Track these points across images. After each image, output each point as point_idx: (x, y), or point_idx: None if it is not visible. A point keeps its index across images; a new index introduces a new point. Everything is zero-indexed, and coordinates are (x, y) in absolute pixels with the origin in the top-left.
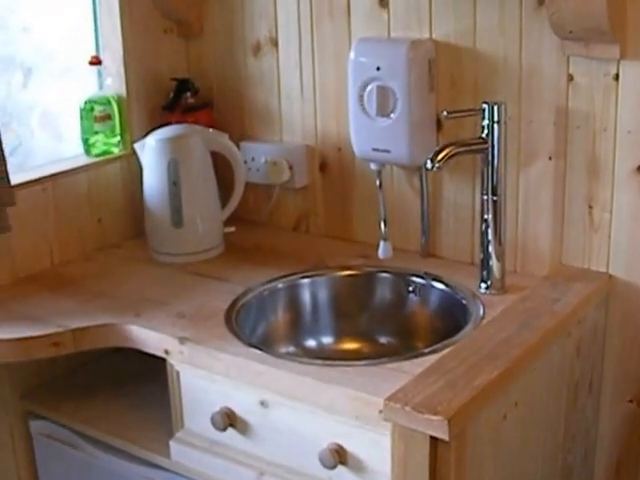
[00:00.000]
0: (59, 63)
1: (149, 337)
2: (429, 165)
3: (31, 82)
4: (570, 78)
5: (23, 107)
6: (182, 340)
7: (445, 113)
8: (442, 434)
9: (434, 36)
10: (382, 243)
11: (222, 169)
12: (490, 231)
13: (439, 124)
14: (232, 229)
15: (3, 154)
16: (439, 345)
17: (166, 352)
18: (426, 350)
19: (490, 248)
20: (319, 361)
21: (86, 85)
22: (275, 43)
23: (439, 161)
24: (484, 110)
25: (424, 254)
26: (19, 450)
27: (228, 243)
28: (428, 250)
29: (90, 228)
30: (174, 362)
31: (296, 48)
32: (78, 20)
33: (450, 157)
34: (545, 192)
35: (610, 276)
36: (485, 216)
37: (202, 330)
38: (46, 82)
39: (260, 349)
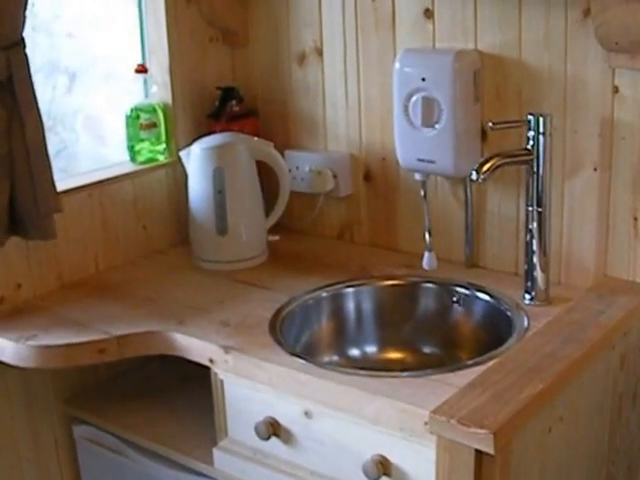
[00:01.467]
0: (103, 68)
1: (193, 345)
2: (474, 177)
3: (75, 86)
4: (615, 90)
5: (68, 111)
6: (226, 349)
7: (491, 124)
8: (488, 448)
9: (479, 47)
10: (427, 254)
11: (267, 177)
12: (535, 242)
13: (484, 135)
14: (276, 237)
15: (49, 160)
16: (483, 357)
17: (210, 361)
18: (470, 362)
19: (535, 259)
20: (363, 371)
21: (131, 90)
22: (320, 52)
23: (484, 172)
24: (530, 121)
25: (468, 264)
26: (62, 454)
27: (272, 251)
28: (472, 260)
29: (135, 235)
30: (218, 371)
31: (341, 58)
32: (123, 26)
33: (495, 169)
34: (590, 203)
35: None
36: (530, 227)
37: (246, 339)
38: (90, 87)
39: (304, 359)
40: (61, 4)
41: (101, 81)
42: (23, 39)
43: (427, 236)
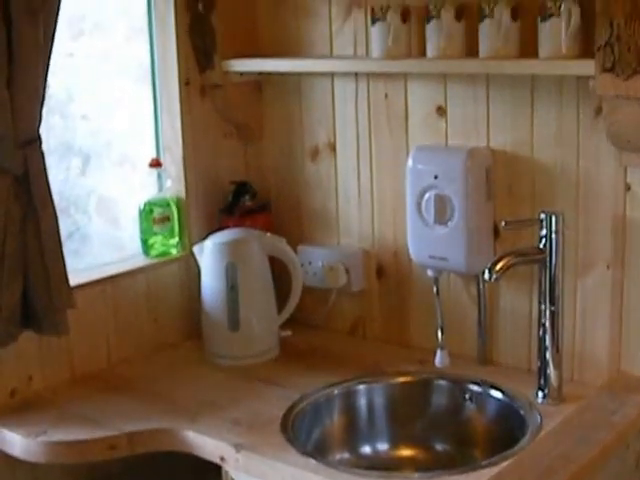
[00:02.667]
0: (118, 151)
1: (205, 443)
2: (487, 276)
3: (89, 168)
4: (628, 187)
5: (81, 193)
6: (238, 448)
7: (504, 224)
8: None
9: (491, 144)
10: (439, 352)
11: (279, 272)
12: (548, 339)
13: (496, 232)
14: (288, 333)
15: (63, 256)
16: (496, 458)
17: (221, 459)
18: (484, 462)
19: (548, 356)
20: (375, 472)
21: (143, 174)
22: (333, 148)
23: (497, 272)
24: (542, 220)
25: (481, 361)
26: None
27: (284, 346)
28: (485, 356)
29: (147, 328)
30: (229, 469)
31: (354, 153)
32: (137, 110)
33: (508, 268)
34: (603, 300)
35: None
36: (542, 325)
37: (258, 438)
38: (104, 169)
39: (315, 458)
40: (76, 86)
41: (115, 164)
42: (39, 136)
43: (439, 334)
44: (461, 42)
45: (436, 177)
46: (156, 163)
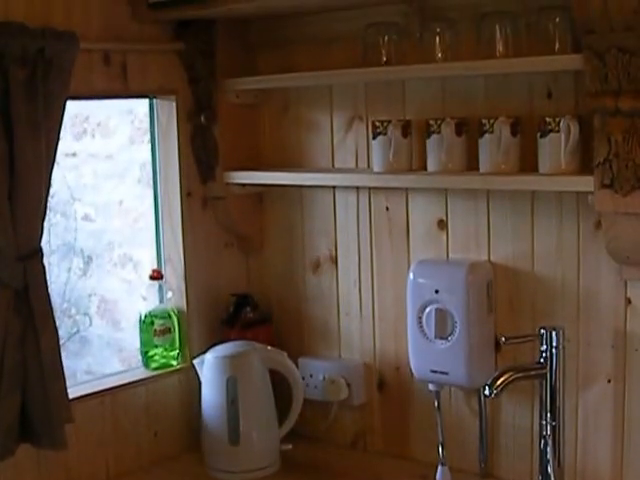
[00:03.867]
0: (119, 252)
1: None
2: (487, 392)
3: (90, 269)
4: (628, 301)
5: (82, 294)
6: None
7: (503, 339)
8: None
9: (492, 258)
10: (440, 468)
11: (280, 385)
12: (549, 454)
13: (498, 346)
14: (289, 446)
15: (62, 369)
16: None
17: None
18: None
19: (549, 471)
20: None
21: (145, 279)
22: (335, 261)
23: (497, 387)
24: (542, 335)
25: (483, 475)
26: None
27: (284, 460)
28: (486, 470)
29: (146, 441)
30: None
31: (355, 266)
32: (138, 211)
33: (508, 384)
34: (604, 415)
35: None
36: (544, 439)
37: None
38: (106, 270)
39: None
40: (78, 186)
41: (117, 266)
42: (41, 248)
43: (440, 449)
44: (462, 157)
45: (437, 291)
46: (157, 275)
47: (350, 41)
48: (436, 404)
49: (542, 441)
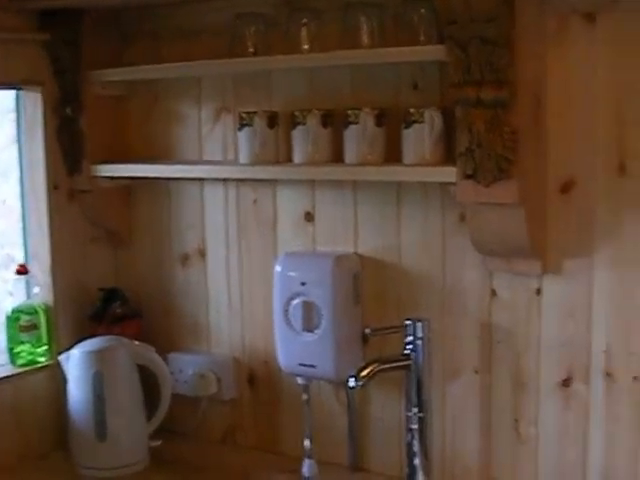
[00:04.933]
0: (1, 253)
1: None
2: (352, 383)
3: None
4: (493, 293)
5: None
6: None
7: (368, 330)
8: None
9: (359, 250)
10: (307, 461)
11: (149, 381)
12: (416, 446)
13: (365, 338)
14: (158, 442)
15: None
16: None
17: None
18: None
19: (416, 463)
20: None
21: (11, 278)
22: (203, 254)
23: (362, 378)
24: (407, 327)
25: (352, 468)
26: None
27: (154, 456)
28: (356, 464)
29: (14, 439)
30: None
31: (224, 260)
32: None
33: (373, 375)
34: (471, 406)
35: None
36: (410, 431)
37: None
38: None
39: None
40: None
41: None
42: None
43: (307, 443)
44: (328, 148)
45: (303, 284)
46: (23, 270)
47: (219, 32)
48: (305, 398)
49: (408, 433)
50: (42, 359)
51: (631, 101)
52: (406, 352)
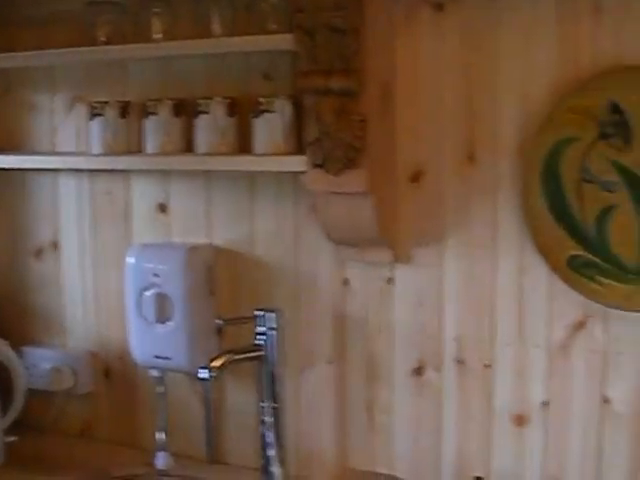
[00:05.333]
0: None
1: None
2: (204, 374)
3: None
4: (346, 282)
5: None
6: None
7: (220, 321)
8: None
9: (213, 241)
10: (161, 453)
11: (3, 375)
12: (270, 437)
13: (220, 329)
14: (13, 439)
15: None
16: None
17: None
18: None
19: (271, 455)
20: None
21: None
22: (57, 247)
23: (214, 370)
24: (258, 317)
25: (210, 460)
26: None
27: (9, 452)
28: (213, 456)
29: None
30: None
31: (77, 252)
32: None
33: (224, 366)
34: (326, 396)
35: (397, 479)
36: (264, 422)
37: None
38: None
39: None
40: None
41: None
42: None
43: (161, 435)
44: (180, 138)
45: (156, 275)
46: None
47: (71, 21)
48: (160, 390)
49: (263, 425)
50: None
51: (479, 91)
52: (258, 343)
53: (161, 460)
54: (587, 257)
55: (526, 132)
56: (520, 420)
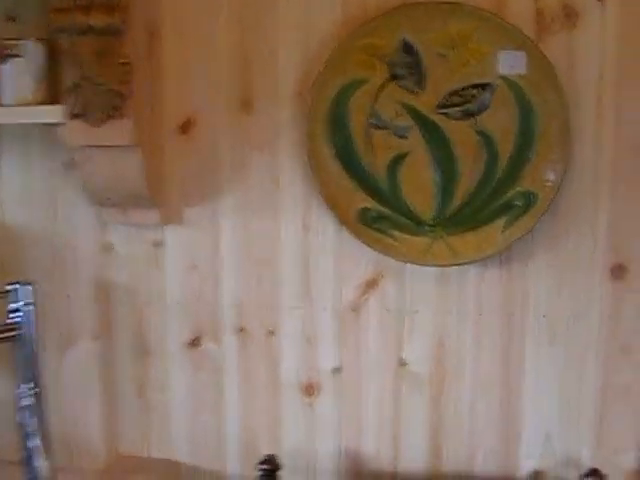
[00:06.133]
0: None
1: None
2: None
3: None
4: (110, 247)
5: None
6: None
7: None
8: None
9: None
10: None
11: None
12: (31, 426)
13: None
14: None
15: None
16: None
17: None
18: None
19: (33, 446)
20: None
21: None
22: None
23: None
24: (10, 292)
25: None
26: None
27: None
28: None
29: None
30: None
31: None
32: None
33: None
34: (92, 376)
35: (176, 462)
36: (23, 409)
37: None
38: None
39: None
40: None
41: None
42: None
43: None
44: None
45: None
46: None
47: None
48: None
49: (20, 412)
50: None
51: (256, 32)
52: (11, 321)
53: None
54: (379, 209)
55: (309, 76)
56: (310, 389)
